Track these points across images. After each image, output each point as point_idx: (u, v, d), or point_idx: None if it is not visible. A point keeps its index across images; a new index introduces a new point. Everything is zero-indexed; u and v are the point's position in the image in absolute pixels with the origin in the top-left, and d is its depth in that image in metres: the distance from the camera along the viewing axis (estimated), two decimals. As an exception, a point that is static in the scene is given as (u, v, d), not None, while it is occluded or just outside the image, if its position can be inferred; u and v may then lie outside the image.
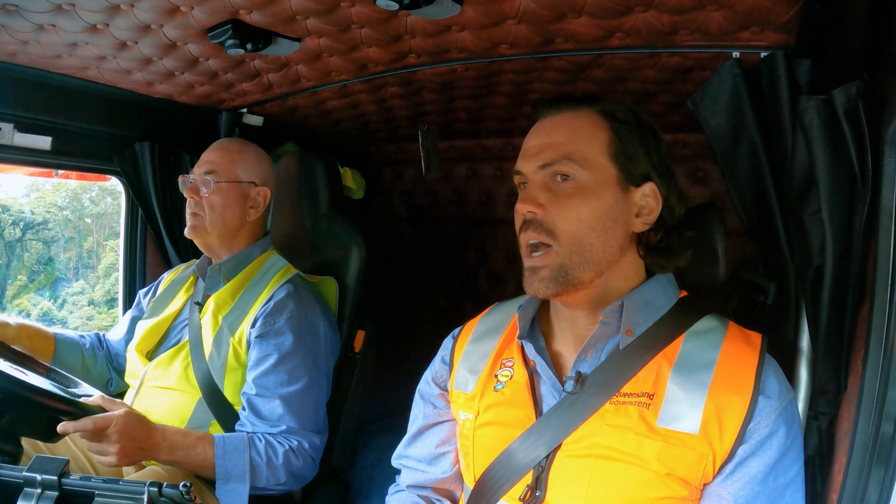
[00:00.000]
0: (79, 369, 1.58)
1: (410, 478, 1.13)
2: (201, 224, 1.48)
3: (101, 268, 3.53)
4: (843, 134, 0.88)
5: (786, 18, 1.00)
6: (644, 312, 0.93)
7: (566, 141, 0.92)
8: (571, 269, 0.90)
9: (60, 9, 1.13)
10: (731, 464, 0.84)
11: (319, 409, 1.45)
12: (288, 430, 1.37)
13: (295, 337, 1.40)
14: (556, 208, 0.90)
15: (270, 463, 1.33)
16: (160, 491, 0.75)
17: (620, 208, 0.92)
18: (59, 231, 3.49)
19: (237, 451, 1.30)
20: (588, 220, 0.90)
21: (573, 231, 0.90)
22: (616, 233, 0.91)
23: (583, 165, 0.90)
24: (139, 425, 1.20)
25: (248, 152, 1.56)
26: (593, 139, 0.92)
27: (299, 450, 1.37)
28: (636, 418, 0.86)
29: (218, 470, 1.29)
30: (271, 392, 1.37)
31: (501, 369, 1.01)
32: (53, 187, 3.48)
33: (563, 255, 0.90)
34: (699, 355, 0.89)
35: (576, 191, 0.90)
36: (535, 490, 0.89)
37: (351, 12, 1.13)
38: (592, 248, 0.90)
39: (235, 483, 1.29)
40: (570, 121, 0.95)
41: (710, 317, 0.94)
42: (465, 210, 2.41)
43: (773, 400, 0.85)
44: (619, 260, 0.93)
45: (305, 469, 1.39)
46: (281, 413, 1.37)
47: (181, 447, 1.27)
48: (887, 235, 0.83)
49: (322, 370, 1.46)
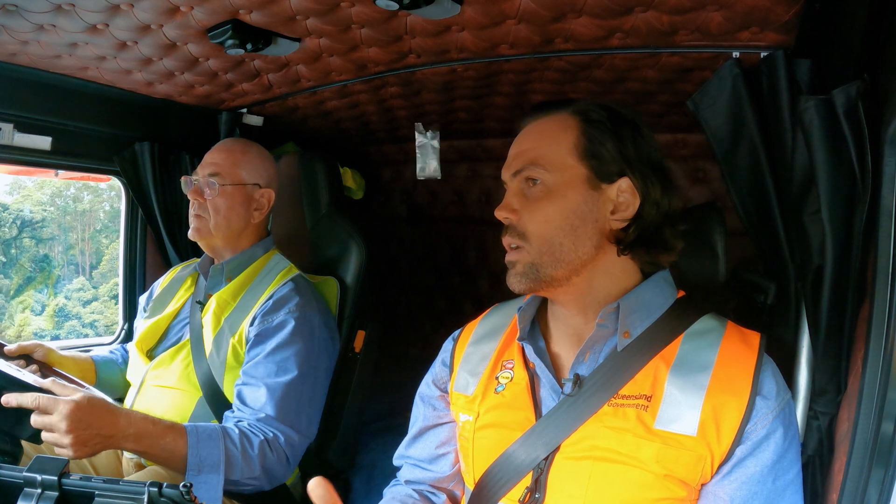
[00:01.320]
0: (121, 385, 1.60)
1: (410, 474, 1.13)
2: (205, 226, 1.48)
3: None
4: (843, 134, 0.88)
5: (786, 18, 1.00)
6: (641, 314, 0.93)
7: (533, 147, 0.96)
8: (542, 267, 0.92)
9: (60, 9, 1.13)
10: (728, 464, 0.84)
11: (305, 408, 1.39)
12: (266, 419, 1.32)
13: (290, 331, 1.39)
14: (527, 212, 0.94)
15: (246, 453, 1.26)
16: (160, 491, 0.75)
17: (590, 206, 0.92)
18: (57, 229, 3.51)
19: (211, 440, 1.24)
20: (555, 220, 0.92)
21: (542, 233, 0.92)
22: (587, 231, 0.92)
23: (548, 168, 0.93)
24: (95, 411, 1.11)
25: (253, 154, 1.55)
26: (560, 141, 0.94)
27: (274, 443, 1.31)
28: (634, 420, 0.86)
29: (190, 460, 1.20)
30: (258, 381, 1.34)
31: (502, 371, 1.01)
32: (36, 185, 3.49)
33: (534, 255, 0.92)
34: (697, 356, 0.89)
35: (543, 193, 0.93)
36: (535, 492, 0.89)
37: (351, 12, 1.13)
38: (563, 247, 0.91)
39: (209, 474, 1.21)
40: (541, 126, 0.97)
41: (709, 317, 0.94)
42: (465, 210, 2.41)
43: (770, 401, 0.85)
44: (595, 258, 0.93)
45: (279, 466, 1.32)
46: (263, 401, 1.33)
47: (149, 435, 1.18)
48: (887, 235, 0.83)
49: (315, 369, 1.42)
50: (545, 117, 0.98)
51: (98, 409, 1.12)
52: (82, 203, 3.66)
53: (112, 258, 3.62)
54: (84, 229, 3.61)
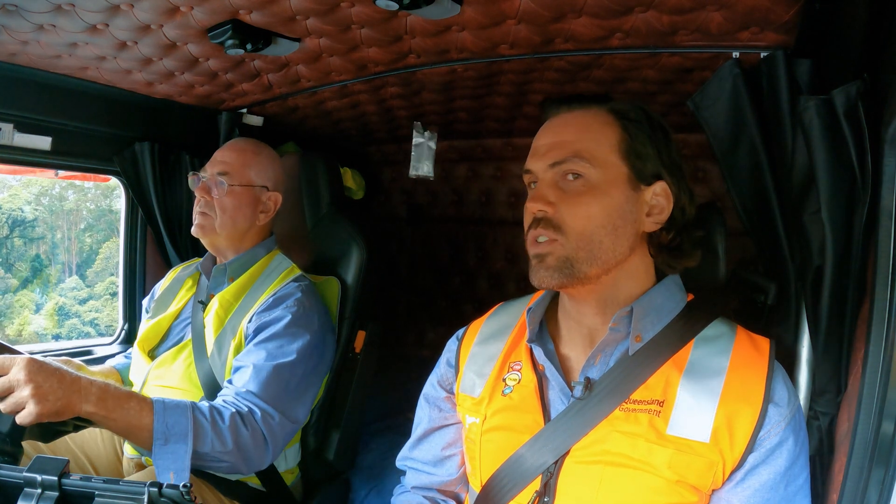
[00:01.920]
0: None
1: (416, 479, 1.12)
2: (210, 224, 1.48)
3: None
4: (843, 134, 0.88)
5: (786, 18, 1.00)
6: (652, 318, 0.92)
7: (576, 139, 0.92)
8: (578, 262, 0.89)
9: (60, 9, 1.13)
10: (741, 471, 0.84)
11: (291, 392, 1.35)
12: (245, 394, 1.29)
13: (286, 323, 1.38)
14: (566, 206, 0.90)
15: (216, 424, 1.21)
16: (160, 491, 0.75)
17: (631, 207, 0.91)
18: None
19: (178, 409, 1.19)
20: (598, 217, 0.89)
21: (583, 228, 0.89)
22: (626, 231, 0.91)
23: (593, 163, 0.90)
24: (50, 367, 1.06)
25: (263, 155, 1.55)
26: (603, 137, 0.92)
27: (248, 417, 1.26)
28: (646, 425, 0.85)
29: (156, 426, 1.15)
30: (247, 362, 1.34)
31: (509, 373, 1.00)
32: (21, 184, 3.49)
33: (570, 249, 0.89)
34: (709, 362, 0.88)
35: (586, 189, 0.90)
36: (544, 496, 0.88)
37: (351, 12, 1.13)
38: (602, 245, 0.89)
39: (176, 443, 1.16)
40: (579, 119, 0.94)
41: (719, 321, 0.94)
42: (465, 210, 2.41)
43: (782, 408, 0.85)
44: (628, 259, 0.92)
45: (254, 446, 1.26)
46: (247, 379, 1.30)
47: (113, 396, 1.13)
48: (887, 235, 0.83)
49: (307, 358, 1.40)
50: (581, 110, 0.95)
51: (52, 367, 1.07)
52: (68, 202, 3.65)
53: (106, 257, 3.61)
54: (71, 228, 3.60)
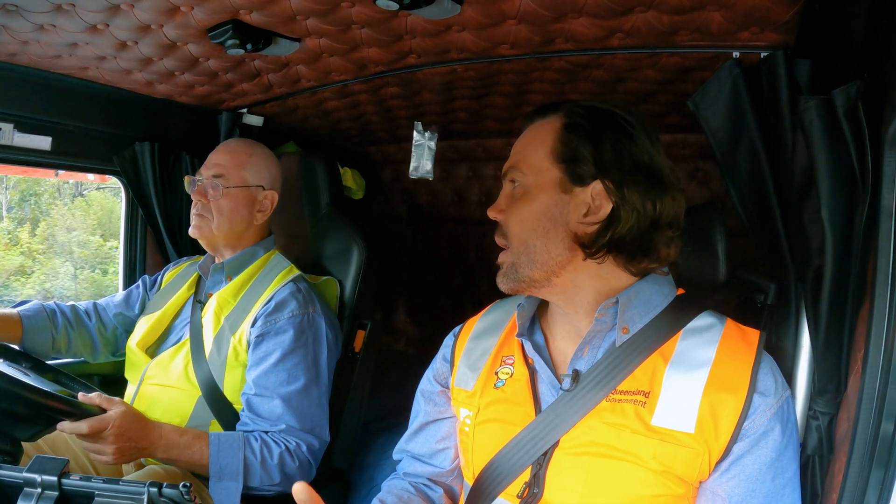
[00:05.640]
0: (49, 352, 1.53)
1: (409, 468, 1.14)
2: (207, 226, 1.48)
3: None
4: (843, 134, 0.87)
5: (786, 18, 1.00)
6: (640, 310, 0.93)
7: (521, 149, 0.99)
8: (521, 267, 0.95)
9: (60, 9, 1.13)
10: (726, 461, 0.84)
11: (320, 410, 1.43)
12: (287, 430, 1.36)
13: (295, 336, 1.39)
14: (509, 213, 0.98)
15: (265, 462, 1.31)
16: (160, 491, 0.75)
17: (560, 209, 0.93)
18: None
19: (232, 449, 1.30)
20: (528, 221, 0.94)
21: (518, 232, 0.95)
22: (558, 233, 0.93)
23: (525, 171, 0.96)
24: (136, 424, 1.21)
25: (258, 155, 1.55)
26: (540, 144, 0.96)
27: (296, 451, 1.36)
28: (632, 416, 0.86)
29: (212, 467, 1.28)
30: (270, 392, 1.36)
31: (502, 367, 1.02)
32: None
33: (514, 255, 0.96)
34: (695, 353, 0.89)
35: (521, 195, 0.96)
36: (533, 487, 0.90)
37: (351, 12, 1.13)
38: (535, 248, 0.94)
39: (229, 481, 1.29)
40: (533, 130, 0.99)
41: (707, 314, 0.94)
42: (465, 210, 2.41)
43: (768, 398, 0.85)
44: (572, 260, 0.93)
45: (301, 472, 1.37)
46: (280, 412, 1.36)
47: (177, 445, 1.27)
48: (887, 235, 0.83)
49: (322, 370, 1.45)
50: (540, 121, 1.00)
51: (137, 422, 1.22)
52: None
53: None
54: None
